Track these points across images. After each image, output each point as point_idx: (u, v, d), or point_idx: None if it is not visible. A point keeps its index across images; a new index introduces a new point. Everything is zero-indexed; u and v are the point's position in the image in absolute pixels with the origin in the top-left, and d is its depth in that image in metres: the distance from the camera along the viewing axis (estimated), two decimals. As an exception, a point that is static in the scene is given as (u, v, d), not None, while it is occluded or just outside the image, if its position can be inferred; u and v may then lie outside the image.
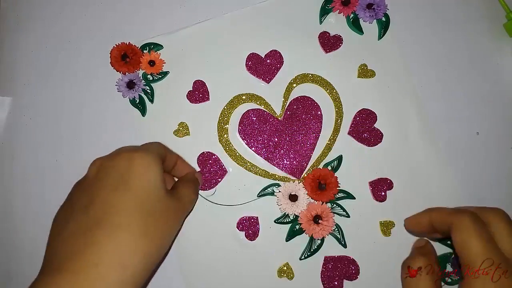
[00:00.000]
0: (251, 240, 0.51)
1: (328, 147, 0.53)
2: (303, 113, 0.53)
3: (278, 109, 0.53)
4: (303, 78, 0.54)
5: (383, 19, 0.54)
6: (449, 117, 0.53)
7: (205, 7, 0.55)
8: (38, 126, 0.54)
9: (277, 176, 0.52)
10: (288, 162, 0.52)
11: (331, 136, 0.53)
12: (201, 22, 0.55)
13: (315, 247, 0.50)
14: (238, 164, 0.52)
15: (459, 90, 0.54)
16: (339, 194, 0.51)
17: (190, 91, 0.54)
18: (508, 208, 0.52)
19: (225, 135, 0.53)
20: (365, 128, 0.53)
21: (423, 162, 0.52)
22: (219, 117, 0.53)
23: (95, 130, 0.54)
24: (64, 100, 0.54)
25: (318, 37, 0.54)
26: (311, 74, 0.54)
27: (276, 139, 0.53)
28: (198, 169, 0.51)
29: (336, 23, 0.55)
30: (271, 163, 0.52)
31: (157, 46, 0.54)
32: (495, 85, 0.54)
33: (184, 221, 0.49)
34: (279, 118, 0.53)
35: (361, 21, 0.54)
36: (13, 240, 0.52)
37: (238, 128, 0.53)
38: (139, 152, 0.37)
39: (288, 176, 0.52)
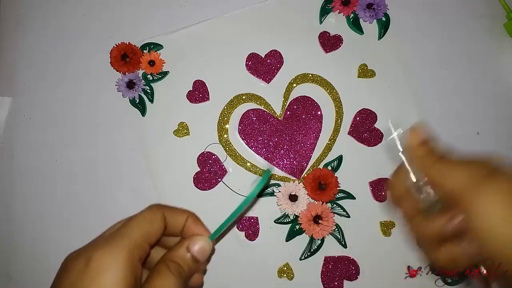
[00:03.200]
0: (251, 240, 0.51)
1: (328, 147, 0.52)
2: (303, 113, 0.53)
3: (278, 109, 0.53)
4: (303, 78, 0.54)
5: (383, 19, 0.54)
6: (450, 117, 0.53)
7: (205, 7, 0.55)
8: (37, 126, 0.54)
9: (277, 176, 0.52)
10: (288, 162, 0.52)
11: (331, 136, 0.53)
12: (201, 22, 0.55)
13: (315, 247, 0.50)
14: (238, 164, 0.52)
15: (460, 90, 0.54)
16: (339, 194, 0.51)
17: (190, 91, 0.54)
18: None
19: (225, 135, 0.53)
20: (365, 128, 0.53)
21: (423, 162, 0.52)
22: (219, 117, 0.53)
23: (95, 130, 0.53)
24: (63, 100, 0.54)
25: (318, 37, 0.54)
26: (311, 74, 0.54)
27: (276, 139, 0.53)
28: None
29: (336, 23, 0.55)
30: (271, 163, 0.52)
31: (157, 46, 0.54)
32: (495, 85, 0.54)
33: None
34: (279, 118, 0.53)
35: (361, 21, 0.54)
36: (12, 240, 0.52)
37: (238, 128, 0.53)
38: (99, 251, 0.30)
39: (288, 176, 0.52)
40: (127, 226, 0.32)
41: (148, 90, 0.53)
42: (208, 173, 0.52)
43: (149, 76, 0.54)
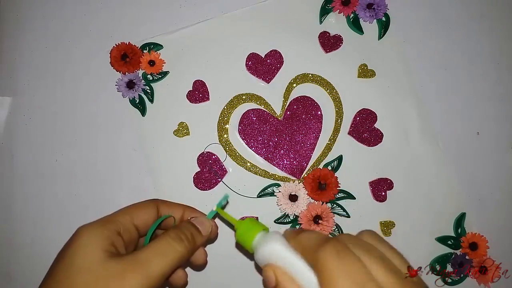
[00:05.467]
0: (251, 240, 0.51)
1: (328, 147, 0.53)
2: (303, 113, 0.53)
3: (278, 109, 0.53)
4: (303, 78, 0.54)
5: (383, 19, 0.54)
6: (449, 117, 0.53)
7: (205, 7, 0.55)
8: (37, 126, 0.54)
9: (277, 176, 0.52)
10: (288, 162, 0.52)
11: (331, 136, 0.53)
12: (201, 22, 0.55)
13: (315, 247, 0.50)
14: (238, 164, 0.52)
15: (459, 90, 0.54)
16: (339, 194, 0.51)
17: (190, 91, 0.54)
18: (508, 208, 0.52)
19: (225, 135, 0.53)
20: (365, 128, 0.53)
21: (423, 162, 0.52)
22: (219, 117, 0.53)
23: (95, 130, 0.53)
24: (63, 100, 0.54)
25: (318, 37, 0.54)
26: (311, 74, 0.54)
27: (276, 139, 0.53)
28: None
29: (336, 23, 0.55)
30: (271, 163, 0.52)
31: (157, 46, 0.54)
32: (495, 85, 0.54)
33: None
34: (279, 118, 0.53)
35: (361, 21, 0.54)
36: (12, 240, 0.52)
37: (238, 128, 0.53)
38: (85, 227, 0.36)
39: (288, 176, 0.52)
40: (117, 211, 0.38)
41: (148, 90, 0.53)
42: (208, 173, 0.52)
43: (149, 76, 0.54)
